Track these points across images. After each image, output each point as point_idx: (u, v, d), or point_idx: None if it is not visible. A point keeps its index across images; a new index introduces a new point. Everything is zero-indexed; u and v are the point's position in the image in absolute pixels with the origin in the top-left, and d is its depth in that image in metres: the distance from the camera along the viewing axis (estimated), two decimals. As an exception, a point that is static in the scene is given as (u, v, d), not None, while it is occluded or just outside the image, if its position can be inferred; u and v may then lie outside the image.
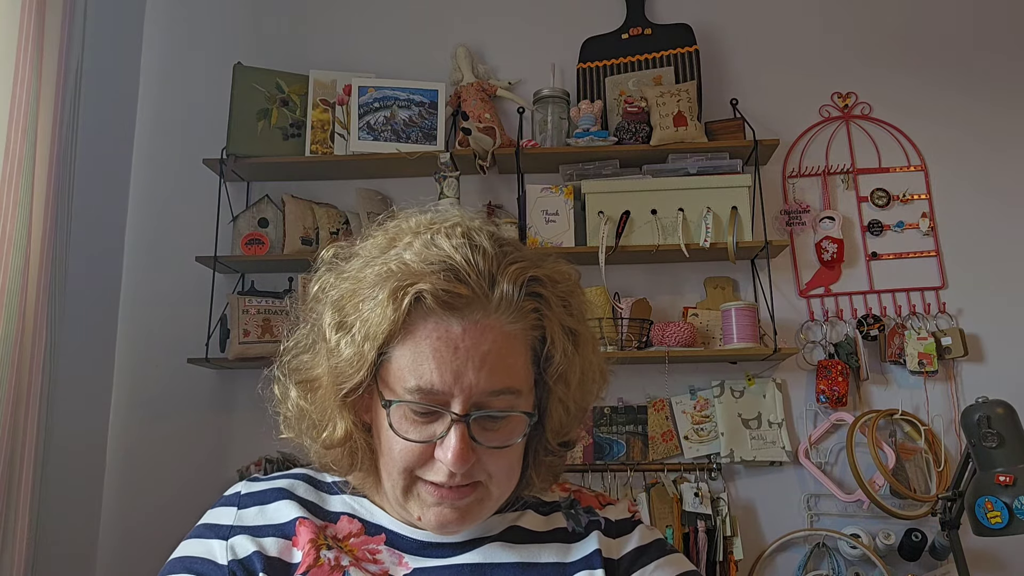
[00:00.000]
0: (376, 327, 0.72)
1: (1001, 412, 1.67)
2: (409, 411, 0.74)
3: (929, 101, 2.43)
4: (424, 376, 0.72)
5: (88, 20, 1.98)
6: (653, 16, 2.50)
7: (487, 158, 2.27)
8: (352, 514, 0.82)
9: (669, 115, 2.26)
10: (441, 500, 0.75)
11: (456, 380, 0.71)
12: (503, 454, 0.75)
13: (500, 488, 0.77)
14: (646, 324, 2.20)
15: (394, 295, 0.72)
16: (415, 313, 0.73)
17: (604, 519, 0.85)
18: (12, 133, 1.63)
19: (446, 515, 0.75)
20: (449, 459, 0.72)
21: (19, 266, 1.63)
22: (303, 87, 2.39)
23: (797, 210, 2.36)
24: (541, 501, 0.86)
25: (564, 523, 0.84)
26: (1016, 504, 1.56)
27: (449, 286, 0.72)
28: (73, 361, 2.06)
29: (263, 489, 0.83)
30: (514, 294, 0.73)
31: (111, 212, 2.39)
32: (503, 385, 0.73)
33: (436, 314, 0.72)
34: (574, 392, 0.79)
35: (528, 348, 0.76)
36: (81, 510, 2.19)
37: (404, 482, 0.76)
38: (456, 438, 0.71)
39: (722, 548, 2.08)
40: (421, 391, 0.72)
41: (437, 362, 0.72)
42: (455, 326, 0.72)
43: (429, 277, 0.72)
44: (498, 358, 0.73)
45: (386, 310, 0.72)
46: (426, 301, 0.72)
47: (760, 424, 2.21)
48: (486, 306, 0.73)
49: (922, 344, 2.19)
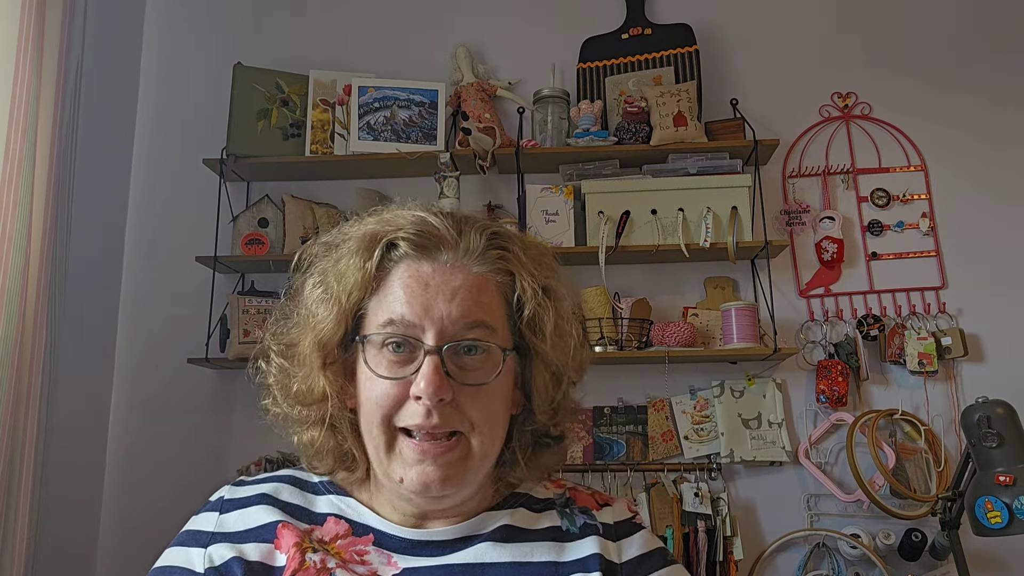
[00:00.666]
0: (350, 278, 0.76)
1: (1001, 412, 1.67)
2: (385, 352, 0.75)
3: (929, 101, 2.43)
4: (395, 309, 0.75)
5: (88, 20, 1.98)
6: (653, 16, 2.50)
7: (487, 158, 2.27)
8: (339, 515, 0.81)
9: (669, 115, 2.26)
10: (423, 456, 0.74)
11: (426, 312, 0.74)
12: (482, 398, 0.75)
13: (483, 442, 0.76)
14: (646, 324, 2.20)
15: (368, 246, 0.77)
16: (388, 264, 0.77)
17: (602, 523, 0.83)
18: (12, 133, 1.63)
19: (428, 473, 0.74)
20: (423, 387, 0.72)
21: (19, 266, 1.63)
22: (303, 87, 2.39)
23: (797, 210, 2.36)
24: (534, 499, 0.85)
25: (558, 521, 0.83)
26: (1016, 504, 1.56)
27: (421, 228, 0.77)
28: (73, 361, 2.06)
29: (246, 496, 0.83)
30: (480, 241, 0.77)
31: (111, 212, 2.39)
32: (475, 317, 0.75)
33: (407, 259, 0.77)
34: (551, 346, 0.79)
35: (499, 294, 0.78)
36: (81, 510, 2.19)
37: (385, 436, 0.75)
38: (430, 367, 0.72)
39: (722, 548, 2.08)
40: (393, 323, 0.74)
41: (408, 296, 0.75)
42: (425, 266, 0.76)
43: (402, 229, 0.77)
44: (468, 293, 0.75)
45: (359, 260, 0.77)
46: (398, 247, 0.77)
47: (760, 424, 2.21)
48: (455, 250, 0.77)
49: (922, 344, 2.19)
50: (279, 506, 0.81)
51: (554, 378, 0.81)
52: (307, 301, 0.80)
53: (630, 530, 0.84)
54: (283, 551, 0.77)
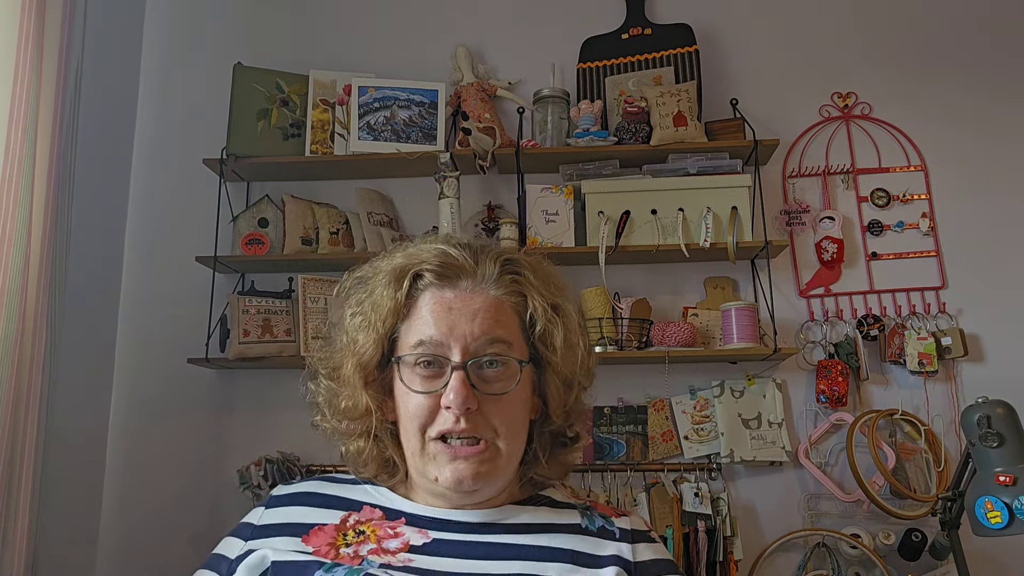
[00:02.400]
0: (383, 307, 0.89)
1: (1001, 412, 1.66)
2: (418, 368, 0.87)
3: (929, 101, 2.43)
4: (424, 332, 0.87)
5: (88, 20, 1.98)
6: (653, 16, 2.50)
7: (487, 158, 2.27)
8: (374, 503, 0.92)
9: (669, 115, 2.26)
10: (455, 457, 0.85)
11: (451, 331, 0.86)
12: (504, 406, 0.86)
13: (508, 444, 0.87)
14: (646, 324, 2.20)
15: (397, 278, 0.89)
16: (416, 293, 0.89)
17: (619, 528, 0.92)
18: (12, 133, 1.63)
19: (460, 470, 0.85)
20: (452, 398, 0.83)
21: (19, 266, 1.63)
22: (303, 87, 2.38)
23: (797, 210, 2.36)
24: (556, 501, 0.95)
25: (579, 519, 0.92)
26: (1016, 504, 1.56)
27: (442, 259, 0.89)
28: (73, 361, 2.06)
29: (291, 492, 0.95)
30: (495, 268, 0.89)
31: (111, 212, 2.39)
32: (494, 334, 0.86)
33: (432, 288, 0.88)
34: (561, 357, 0.90)
35: (515, 314, 0.90)
36: (81, 510, 2.19)
37: (420, 443, 0.87)
38: (457, 381, 0.84)
39: (722, 548, 2.08)
40: (423, 344, 0.86)
41: (435, 320, 0.87)
42: (448, 293, 0.88)
43: (425, 261, 0.89)
44: (487, 314, 0.87)
45: (391, 290, 0.89)
46: (424, 278, 0.89)
47: (760, 424, 2.21)
48: (473, 277, 0.89)
49: (922, 344, 2.19)
50: (318, 502, 0.93)
51: (566, 385, 0.91)
52: (348, 328, 0.92)
53: (645, 538, 0.93)
54: (311, 546, 0.87)
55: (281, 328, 2.21)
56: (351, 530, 0.88)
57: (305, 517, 0.91)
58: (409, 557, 0.85)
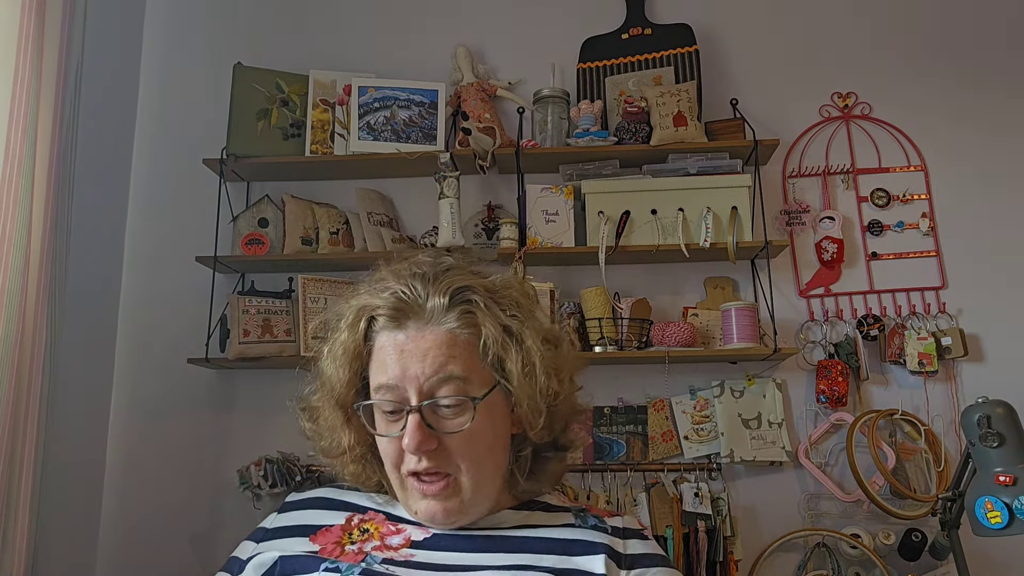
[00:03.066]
0: (348, 351, 0.91)
1: (1001, 412, 1.66)
2: (381, 413, 0.89)
3: (929, 101, 2.43)
4: (381, 376, 0.89)
5: (88, 20, 1.98)
6: (653, 16, 2.50)
7: (487, 158, 2.27)
8: (378, 508, 0.97)
9: (669, 115, 2.26)
10: (424, 494, 0.88)
11: (404, 374, 0.87)
12: (466, 440, 0.87)
13: (471, 479, 0.88)
14: (646, 324, 2.20)
15: (354, 323, 0.92)
16: (373, 335, 0.91)
17: (612, 526, 0.94)
18: (12, 133, 1.63)
19: (431, 507, 0.88)
20: (407, 443, 0.85)
21: (19, 266, 1.63)
22: (303, 87, 2.38)
23: (797, 210, 2.36)
24: (551, 504, 0.97)
25: (572, 520, 0.95)
26: (1016, 504, 1.56)
27: (393, 302, 0.89)
28: (73, 361, 2.06)
29: (304, 498, 1.01)
30: (444, 301, 0.88)
31: (111, 212, 2.39)
32: (445, 372, 0.86)
33: (387, 330, 0.90)
34: (518, 384, 0.89)
35: (469, 344, 0.89)
36: (81, 510, 2.19)
37: (397, 479, 0.90)
38: (412, 424, 0.85)
39: (722, 548, 2.08)
40: (382, 387, 0.88)
41: (390, 363, 0.88)
42: (400, 335, 0.89)
43: (380, 306, 0.90)
44: (439, 351, 0.87)
45: (350, 335, 0.92)
46: (378, 321, 0.90)
47: (760, 424, 2.21)
48: (421, 316, 0.89)
49: (922, 344, 2.19)
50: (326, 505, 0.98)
51: (531, 407, 0.90)
52: (324, 371, 0.94)
53: (637, 535, 0.95)
54: (318, 544, 0.91)
55: (281, 328, 2.21)
56: (356, 529, 0.93)
57: (313, 519, 0.95)
58: (411, 552, 0.89)
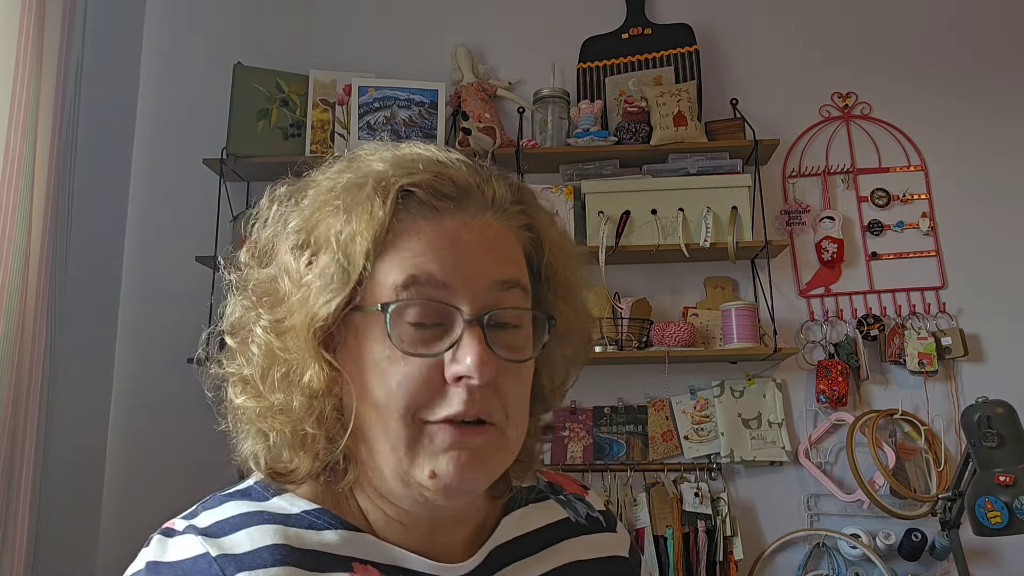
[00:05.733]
0: (355, 231, 0.59)
1: (1001, 412, 1.67)
2: (404, 325, 0.59)
3: (929, 101, 2.43)
4: (419, 265, 0.59)
5: (88, 20, 1.98)
6: (653, 16, 2.50)
7: (487, 158, 2.27)
8: (362, 559, 0.63)
9: (669, 115, 2.26)
10: (457, 442, 0.59)
11: (459, 269, 0.59)
12: (521, 380, 0.63)
13: (517, 431, 0.64)
14: (646, 324, 2.20)
15: (377, 191, 0.60)
16: (399, 218, 0.61)
17: (600, 513, 0.79)
18: (12, 133, 1.63)
19: (462, 459, 0.59)
20: (469, 364, 0.57)
21: (19, 266, 1.63)
22: (303, 87, 2.38)
23: (797, 210, 2.36)
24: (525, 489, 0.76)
25: (563, 512, 0.76)
26: (1016, 504, 1.56)
27: (442, 175, 0.62)
28: (73, 361, 2.06)
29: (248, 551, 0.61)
30: (507, 192, 0.65)
31: (111, 212, 2.39)
32: (513, 275, 0.62)
33: (425, 212, 0.61)
34: (572, 308, 0.69)
35: (524, 253, 0.66)
36: (81, 510, 2.19)
37: (407, 431, 0.59)
38: (475, 340, 0.58)
39: (722, 548, 2.08)
40: (416, 283, 0.59)
41: (435, 251, 0.60)
42: (449, 220, 0.61)
43: (415, 173, 0.61)
44: (506, 250, 0.63)
45: (366, 208, 0.60)
46: (416, 195, 0.61)
47: (760, 424, 2.21)
48: (481, 202, 0.63)
49: (922, 344, 2.19)
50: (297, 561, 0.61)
51: (574, 354, 0.71)
52: (289, 269, 0.63)
53: (614, 517, 0.83)
54: None
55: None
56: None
57: None
58: None
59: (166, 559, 0.63)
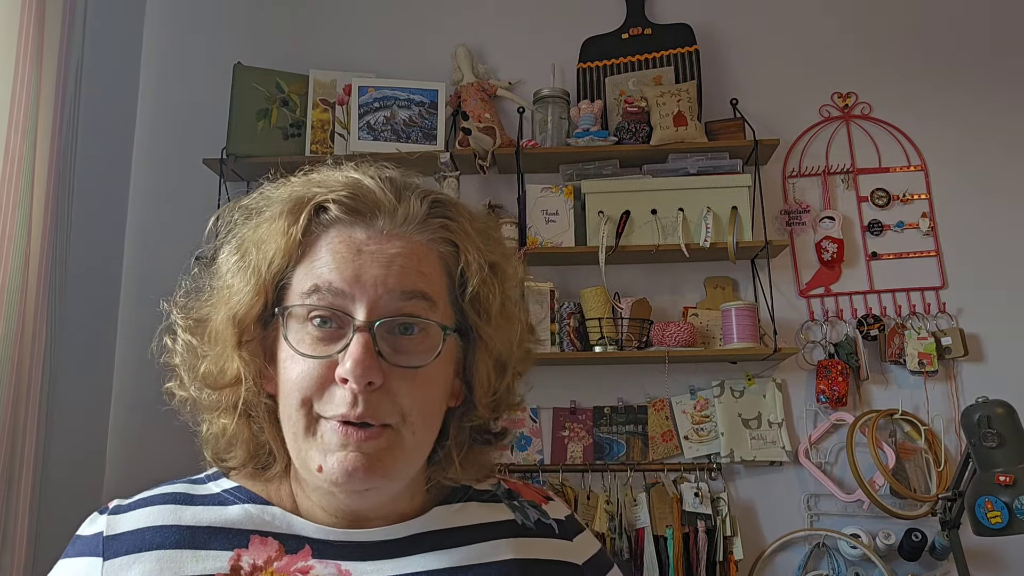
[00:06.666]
0: (272, 244, 0.67)
1: (1001, 412, 1.67)
2: (309, 327, 0.65)
3: (929, 101, 2.43)
4: (322, 275, 0.65)
5: (88, 20, 1.98)
6: (653, 16, 2.50)
7: (487, 158, 2.27)
8: (263, 531, 0.68)
9: (669, 115, 2.26)
10: (346, 441, 0.63)
11: (357, 279, 0.64)
12: (418, 384, 0.65)
13: (414, 434, 0.66)
14: (646, 324, 2.20)
15: (293, 209, 0.68)
16: (316, 230, 0.67)
17: (555, 520, 0.79)
18: (12, 133, 1.63)
19: (351, 460, 0.63)
20: (349, 368, 0.62)
21: (19, 266, 1.63)
22: (303, 87, 2.38)
23: (797, 210, 2.36)
24: (477, 491, 0.78)
25: (511, 515, 0.77)
26: (1016, 504, 1.56)
27: (354, 190, 0.68)
28: (73, 361, 2.06)
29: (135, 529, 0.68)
30: (421, 207, 0.69)
31: (111, 212, 2.39)
32: (413, 287, 0.65)
33: (339, 224, 0.67)
34: (496, 328, 0.71)
35: (442, 266, 0.69)
36: (81, 510, 2.18)
37: (304, 420, 0.65)
38: (359, 346, 0.62)
39: (722, 548, 2.08)
40: (318, 291, 0.64)
41: (337, 263, 0.65)
42: (359, 232, 0.67)
43: (332, 191, 0.68)
44: (409, 261, 0.66)
45: (283, 224, 0.67)
46: (328, 212, 0.67)
47: (760, 424, 2.21)
48: (393, 216, 0.68)
49: (922, 344, 2.19)
50: (184, 541, 0.66)
51: (498, 366, 0.73)
52: (221, 271, 0.71)
53: (576, 528, 0.81)
54: None
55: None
56: (247, 571, 0.66)
57: (174, 570, 0.64)
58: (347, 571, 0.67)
59: (80, 532, 0.72)
